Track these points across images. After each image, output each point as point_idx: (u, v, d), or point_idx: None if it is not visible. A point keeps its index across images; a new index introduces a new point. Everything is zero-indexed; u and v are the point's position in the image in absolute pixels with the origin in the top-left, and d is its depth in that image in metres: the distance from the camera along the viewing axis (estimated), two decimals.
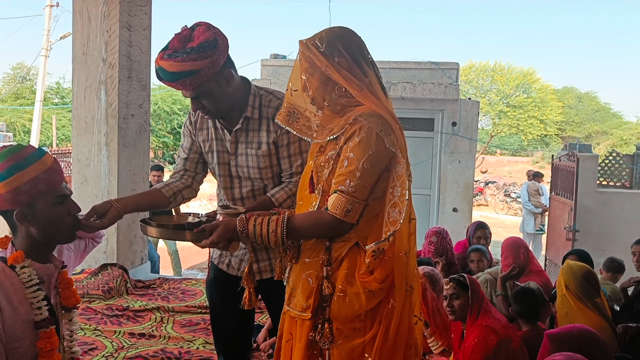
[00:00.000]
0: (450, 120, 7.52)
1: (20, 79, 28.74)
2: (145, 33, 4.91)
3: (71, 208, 1.78)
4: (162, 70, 1.93)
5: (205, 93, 1.99)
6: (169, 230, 1.93)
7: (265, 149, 2.12)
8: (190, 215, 2.03)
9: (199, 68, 1.90)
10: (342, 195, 1.66)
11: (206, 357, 3.30)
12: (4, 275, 1.68)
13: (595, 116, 31.88)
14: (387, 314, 1.70)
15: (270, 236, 1.73)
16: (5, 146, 1.76)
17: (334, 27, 1.78)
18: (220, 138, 2.19)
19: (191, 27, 1.98)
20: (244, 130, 2.14)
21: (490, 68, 28.21)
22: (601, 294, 2.85)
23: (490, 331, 2.55)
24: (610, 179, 7.31)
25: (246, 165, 2.16)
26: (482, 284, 3.72)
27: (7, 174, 1.66)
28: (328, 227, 1.70)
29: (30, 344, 1.69)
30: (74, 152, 4.85)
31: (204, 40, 1.92)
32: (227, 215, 1.84)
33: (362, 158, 1.66)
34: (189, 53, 1.89)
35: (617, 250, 6.64)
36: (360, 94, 1.72)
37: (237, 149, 2.16)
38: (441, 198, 7.62)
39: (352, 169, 1.66)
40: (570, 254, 3.94)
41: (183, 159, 2.31)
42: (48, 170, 1.71)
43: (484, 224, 4.63)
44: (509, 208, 18.60)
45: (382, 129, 1.67)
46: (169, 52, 1.92)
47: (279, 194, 2.11)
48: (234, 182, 2.21)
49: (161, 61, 1.92)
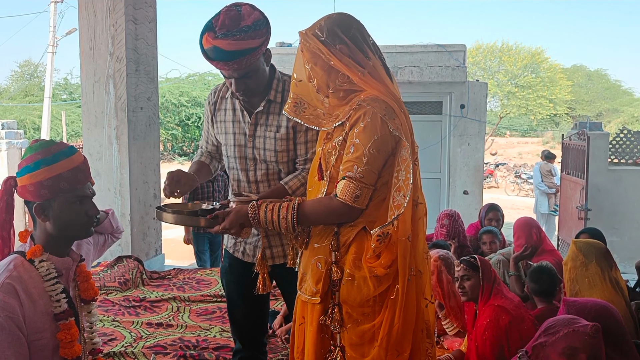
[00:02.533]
0: (458, 103, 7.47)
1: (28, 77, 28.90)
2: (150, 25, 4.93)
3: (89, 209, 1.80)
4: (218, 50, 1.93)
5: (253, 71, 2.02)
6: (183, 216, 1.97)
7: (284, 132, 2.13)
8: (205, 203, 2.06)
9: (256, 46, 1.94)
10: (350, 181, 1.68)
11: (223, 344, 3.34)
12: (23, 269, 1.72)
13: (606, 94, 31.49)
14: (393, 299, 1.71)
15: (281, 222, 1.75)
16: (37, 140, 1.80)
17: (332, 14, 1.78)
18: (238, 120, 2.21)
19: (234, 7, 1.98)
20: (265, 112, 2.16)
21: (498, 49, 27.91)
22: (616, 269, 2.82)
23: (502, 311, 2.57)
24: (622, 156, 7.22)
25: (263, 148, 2.17)
26: (495, 264, 3.73)
27: (34, 167, 1.71)
28: (338, 214, 1.72)
29: (51, 335, 1.73)
30: (85, 146, 4.89)
31: (256, 19, 1.95)
32: (240, 203, 1.87)
33: (368, 143, 1.67)
34: (247, 31, 1.91)
35: (630, 228, 6.63)
36: (362, 80, 1.72)
37: (256, 131, 2.18)
38: (451, 181, 7.60)
39: (359, 154, 1.67)
40: (582, 232, 3.93)
41: (205, 142, 2.40)
42: (74, 170, 1.75)
43: (496, 205, 4.62)
44: (519, 189, 18.51)
45: (385, 114, 1.68)
46: (222, 31, 1.91)
47: (293, 181, 2.13)
48: (249, 164, 2.22)
49: (216, 41, 1.91)
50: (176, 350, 3.29)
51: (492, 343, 2.53)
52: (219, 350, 3.27)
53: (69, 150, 1.77)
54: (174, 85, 24.27)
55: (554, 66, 27.65)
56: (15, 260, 1.74)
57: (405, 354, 1.73)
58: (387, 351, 1.71)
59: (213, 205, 1.95)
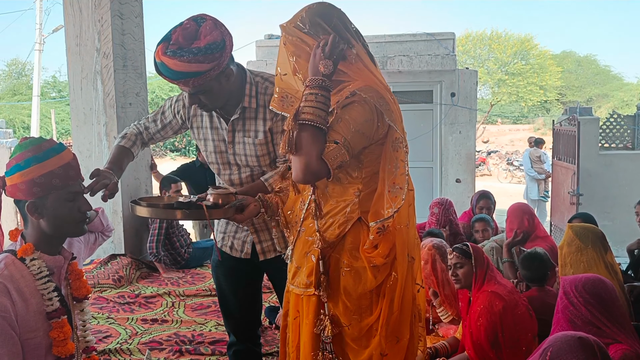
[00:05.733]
0: (448, 91, 7.47)
1: (16, 75, 28.66)
2: (137, 20, 4.88)
3: (82, 205, 1.80)
4: (164, 67, 1.87)
5: (205, 90, 1.96)
6: (159, 209, 1.92)
7: (262, 138, 2.11)
8: (182, 196, 2.03)
9: (204, 70, 1.85)
10: (331, 145, 1.60)
11: (219, 338, 3.34)
12: (14, 267, 1.71)
13: (596, 79, 31.59)
14: (391, 287, 1.72)
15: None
16: (26, 138, 1.79)
17: (312, 5, 1.74)
18: (216, 126, 2.18)
19: (196, 21, 1.91)
20: (241, 119, 2.12)
21: (487, 37, 27.92)
22: (611, 253, 2.84)
23: (495, 297, 2.58)
24: (612, 141, 7.27)
25: (244, 154, 2.15)
26: (488, 251, 3.75)
27: (25, 165, 1.70)
28: (310, 159, 1.58)
29: (44, 334, 1.73)
30: (75, 144, 4.86)
31: (211, 41, 1.86)
32: (217, 195, 1.85)
33: (357, 124, 1.62)
34: (196, 54, 1.83)
35: (621, 212, 6.66)
36: (349, 69, 1.71)
37: (235, 138, 2.15)
38: (443, 170, 7.62)
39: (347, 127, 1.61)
40: (574, 217, 3.95)
41: (153, 122, 2.29)
42: (65, 166, 1.74)
43: (487, 193, 4.64)
44: (512, 177, 18.60)
45: (380, 103, 1.66)
46: (172, 48, 1.85)
47: (273, 178, 2.09)
48: (233, 169, 2.21)
49: (164, 57, 1.86)
50: (172, 345, 3.29)
51: (486, 329, 2.55)
52: (215, 345, 3.27)
53: (58, 147, 1.77)
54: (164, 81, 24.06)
55: (543, 53, 27.70)
56: (6, 259, 1.73)
57: (404, 339, 1.75)
58: (387, 339, 1.72)
59: (190, 199, 1.93)
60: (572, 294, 2.03)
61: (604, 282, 2.08)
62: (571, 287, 2.05)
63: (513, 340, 2.53)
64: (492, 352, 2.55)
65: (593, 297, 2.01)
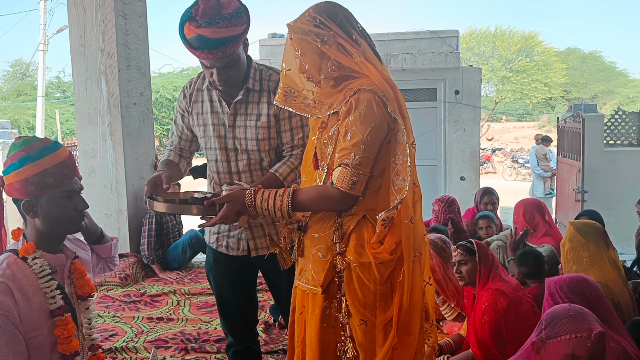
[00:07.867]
0: (452, 89, 7.45)
1: (21, 76, 28.73)
2: (141, 20, 4.90)
3: (78, 204, 1.80)
4: (202, 39, 1.91)
5: (235, 60, 2.02)
6: (175, 204, 1.93)
7: (264, 121, 2.14)
8: (196, 192, 2.04)
9: (239, 33, 1.95)
10: (346, 169, 1.68)
11: (224, 336, 3.35)
12: (16, 267, 1.72)
13: (601, 76, 31.43)
14: (400, 282, 1.73)
15: (276, 209, 1.75)
16: (20, 137, 1.79)
17: (319, 4, 1.78)
18: (216, 111, 2.20)
19: None
20: (244, 102, 2.15)
21: (491, 34, 27.87)
22: (613, 249, 2.83)
23: (500, 294, 2.58)
24: (617, 138, 7.23)
25: (244, 137, 2.17)
26: (495, 250, 3.74)
27: (19, 164, 1.70)
28: (334, 200, 1.72)
29: (48, 332, 1.74)
30: (79, 144, 4.88)
31: (236, 7, 1.96)
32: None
33: (366, 131, 1.68)
34: (229, 19, 1.92)
35: (626, 208, 6.62)
36: (356, 66, 1.73)
37: (236, 121, 2.17)
38: (448, 167, 7.60)
39: (356, 141, 1.68)
40: (581, 215, 3.94)
41: (178, 137, 2.34)
42: (60, 165, 1.73)
43: (491, 189, 4.63)
44: (517, 174, 18.53)
45: (384, 97, 1.69)
46: (205, 19, 1.90)
47: (282, 168, 2.13)
48: (230, 155, 2.21)
49: (200, 29, 1.91)
50: (177, 343, 3.30)
51: (490, 326, 2.55)
52: (221, 343, 3.28)
53: (53, 145, 1.76)
54: (168, 80, 24.14)
55: (547, 49, 27.63)
56: (8, 258, 1.73)
57: (414, 333, 1.76)
58: (398, 333, 1.72)
59: (204, 194, 1.94)
60: (557, 294, 2.06)
61: (588, 281, 2.11)
62: (556, 287, 2.09)
63: (517, 337, 2.52)
64: (497, 349, 2.55)
65: (577, 295, 2.04)
